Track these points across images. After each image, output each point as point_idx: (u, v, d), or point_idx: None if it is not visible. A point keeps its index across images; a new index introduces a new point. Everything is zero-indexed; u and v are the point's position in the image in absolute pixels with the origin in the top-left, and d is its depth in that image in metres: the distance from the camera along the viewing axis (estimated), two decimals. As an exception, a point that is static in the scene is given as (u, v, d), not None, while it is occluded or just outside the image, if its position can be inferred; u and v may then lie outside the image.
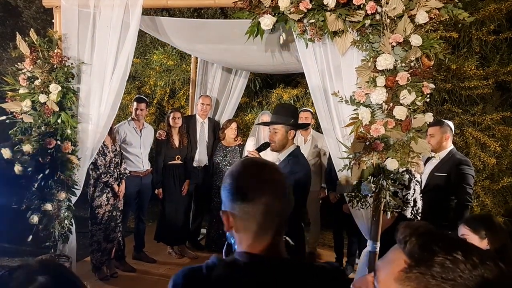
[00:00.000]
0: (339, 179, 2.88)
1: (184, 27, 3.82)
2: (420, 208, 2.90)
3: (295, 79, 5.83)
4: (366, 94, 2.63)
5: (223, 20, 5.47)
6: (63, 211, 3.26)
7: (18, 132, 3.20)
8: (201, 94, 5.06)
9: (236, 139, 4.75)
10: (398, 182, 2.68)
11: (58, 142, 3.16)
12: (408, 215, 2.83)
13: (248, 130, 5.52)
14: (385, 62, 2.51)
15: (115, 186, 3.93)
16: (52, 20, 3.33)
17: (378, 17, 2.54)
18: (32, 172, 3.17)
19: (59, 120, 3.16)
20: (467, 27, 4.74)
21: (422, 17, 2.47)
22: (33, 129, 3.18)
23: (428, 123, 2.64)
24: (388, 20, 2.51)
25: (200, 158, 4.76)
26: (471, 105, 4.95)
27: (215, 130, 4.88)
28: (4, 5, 7.59)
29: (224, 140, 4.74)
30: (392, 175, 2.64)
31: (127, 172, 4.09)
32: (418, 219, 2.93)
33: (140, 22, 3.22)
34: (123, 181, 4.03)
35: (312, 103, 4.78)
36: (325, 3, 2.57)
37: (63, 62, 3.16)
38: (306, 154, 4.38)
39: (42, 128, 3.15)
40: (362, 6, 2.55)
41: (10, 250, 4.63)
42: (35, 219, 3.18)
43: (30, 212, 3.18)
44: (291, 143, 2.81)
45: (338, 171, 2.87)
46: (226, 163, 4.68)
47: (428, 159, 3.37)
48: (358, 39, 2.65)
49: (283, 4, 2.64)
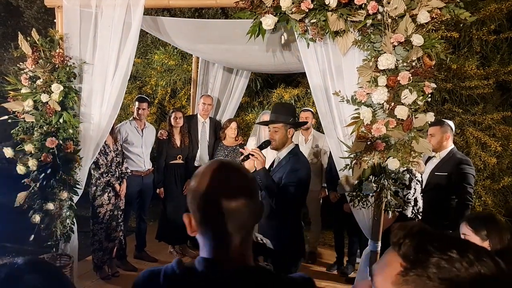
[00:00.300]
0: (340, 178, 2.89)
1: (185, 27, 3.83)
2: (420, 207, 2.91)
3: (296, 79, 5.83)
4: (368, 93, 2.64)
5: (225, 20, 5.48)
6: (65, 210, 3.27)
7: (20, 132, 3.21)
8: (202, 94, 5.06)
9: (237, 138, 4.75)
10: (399, 182, 2.68)
11: (60, 142, 3.17)
12: (409, 214, 2.84)
13: (249, 129, 5.53)
14: (386, 61, 2.52)
15: (117, 185, 3.94)
16: (53, 20, 3.34)
17: (379, 16, 2.54)
18: (34, 171, 3.18)
19: (61, 120, 3.16)
20: (468, 27, 4.75)
21: (423, 16, 2.47)
22: (35, 128, 3.18)
23: (429, 122, 2.65)
24: (389, 20, 2.51)
25: (202, 157, 4.76)
26: (471, 104, 4.96)
27: (216, 130, 4.88)
28: (5, 5, 7.60)
29: (225, 140, 4.74)
30: (393, 174, 2.65)
31: (128, 171, 4.11)
32: (419, 218, 2.94)
33: (142, 22, 3.23)
34: (124, 180, 4.04)
35: (313, 102, 4.80)
36: (326, 3, 2.57)
37: (65, 62, 3.17)
38: (307, 153, 4.39)
39: (44, 127, 3.16)
40: (363, 6, 2.56)
41: (11, 250, 4.64)
42: (37, 218, 3.19)
43: (32, 211, 3.19)
44: (290, 142, 2.88)
45: (339, 170, 2.88)
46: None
47: (429, 159, 3.37)
48: (360, 39, 2.65)
49: (285, 4, 2.64)
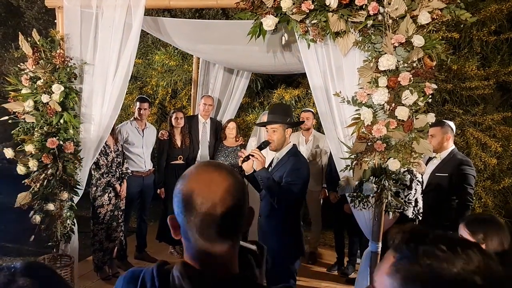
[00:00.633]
0: (341, 179, 2.89)
1: (186, 27, 3.83)
2: (421, 208, 2.91)
3: (296, 80, 5.84)
4: (368, 94, 2.64)
5: (225, 20, 5.48)
6: (66, 211, 3.27)
7: (21, 132, 3.21)
8: (203, 94, 5.07)
9: (237, 139, 4.76)
10: (400, 182, 2.68)
11: (61, 142, 3.17)
12: (410, 215, 2.84)
13: (249, 130, 5.53)
14: (387, 62, 2.52)
15: (117, 185, 3.94)
16: (54, 20, 3.34)
17: (380, 17, 2.54)
18: (34, 172, 3.18)
19: (61, 120, 3.16)
20: (468, 27, 4.75)
21: (424, 17, 2.47)
22: (35, 129, 3.18)
23: (430, 123, 2.65)
24: (390, 21, 2.52)
25: (202, 158, 4.77)
26: (472, 105, 4.96)
27: (217, 130, 4.89)
28: (6, 5, 7.60)
29: (226, 141, 4.75)
30: (393, 175, 2.65)
31: (129, 172, 4.11)
32: (419, 219, 2.94)
33: (143, 23, 3.23)
34: (124, 181, 4.04)
35: (313, 103, 4.80)
36: (327, 4, 2.57)
37: (66, 62, 3.17)
38: (307, 154, 4.40)
39: (45, 128, 3.15)
40: (364, 7, 2.56)
41: (12, 250, 4.65)
42: (37, 219, 3.18)
43: (32, 212, 3.19)
44: (288, 141, 2.94)
45: (340, 171, 2.88)
46: (227, 164, 4.69)
47: (430, 160, 3.37)
48: (360, 40, 2.65)
49: (285, 4, 2.64)
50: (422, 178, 3.01)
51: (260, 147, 2.91)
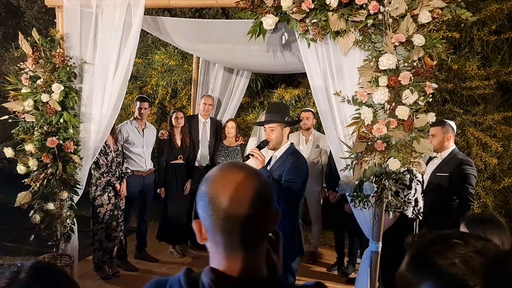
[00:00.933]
0: (341, 179, 2.89)
1: (186, 27, 3.83)
2: (421, 208, 2.90)
3: (296, 79, 5.83)
4: (368, 94, 2.64)
5: (225, 20, 5.48)
6: (65, 210, 3.27)
7: (21, 132, 3.21)
8: (203, 94, 5.07)
9: (237, 139, 4.76)
10: (400, 182, 2.68)
11: (60, 142, 3.17)
12: (410, 215, 2.83)
13: (249, 130, 5.52)
14: (387, 62, 2.52)
15: (117, 185, 3.93)
16: (54, 20, 3.34)
17: (380, 16, 2.54)
18: (34, 171, 3.18)
19: (61, 120, 3.16)
20: (469, 27, 4.74)
21: (425, 16, 2.47)
22: (35, 128, 3.18)
23: (430, 123, 2.64)
24: (390, 20, 2.51)
25: (202, 157, 4.77)
26: (472, 105, 4.95)
27: (217, 130, 4.89)
28: (6, 5, 7.60)
29: (226, 140, 4.74)
30: (394, 175, 2.65)
31: (128, 171, 4.10)
32: (420, 219, 2.94)
33: (142, 22, 3.23)
34: (124, 180, 4.04)
35: (313, 103, 4.79)
36: (327, 3, 2.57)
37: (65, 61, 3.17)
38: (307, 154, 4.40)
39: (45, 127, 3.16)
40: (364, 6, 2.56)
41: (12, 249, 4.64)
42: (37, 218, 3.18)
43: (32, 211, 3.19)
44: (286, 140, 2.99)
45: (340, 170, 2.88)
46: (227, 163, 4.68)
47: (430, 159, 3.36)
48: (361, 39, 2.65)
49: (286, 3, 2.64)
50: (422, 178, 3.01)
51: (260, 147, 2.96)
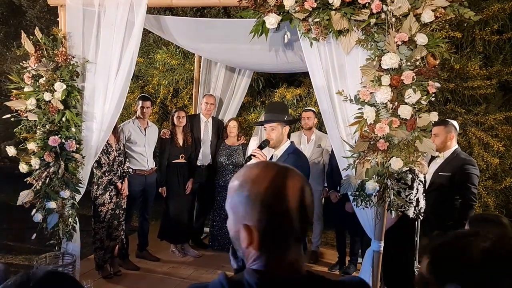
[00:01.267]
0: (343, 178, 2.89)
1: (188, 26, 3.83)
2: (422, 208, 2.90)
3: (298, 79, 5.82)
4: (371, 93, 2.63)
5: (227, 19, 5.48)
6: (67, 209, 3.27)
7: (23, 130, 3.22)
8: (204, 93, 5.07)
9: (239, 138, 4.76)
10: (402, 182, 2.68)
11: (63, 140, 3.17)
12: (411, 214, 2.84)
13: (251, 129, 5.52)
14: (390, 61, 2.51)
15: (119, 184, 3.94)
16: (56, 19, 3.34)
17: (383, 16, 2.53)
18: (36, 170, 3.18)
19: (63, 119, 3.17)
20: (471, 27, 4.74)
21: (427, 16, 2.46)
22: (37, 127, 3.19)
23: (433, 122, 2.64)
24: (393, 19, 2.51)
25: (204, 157, 4.77)
26: (474, 105, 4.94)
27: (219, 129, 4.89)
28: (8, 4, 7.61)
29: (227, 139, 4.75)
30: (396, 174, 2.65)
31: (130, 170, 4.11)
32: (420, 218, 2.94)
33: (145, 21, 3.23)
34: (126, 179, 4.04)
35: (315, 102, 4.79)
36: (330, 2, 2.57)
37: (68, 60, 3.17)
38: (309, 153, 4.39)
39: (47, 126, 3.16)
40: (367, 5, 2.55)
41: (14, 248, 4.65)
42: (39, 217, 3.19)
43: (34, 210, 3.19)
44: (286, 139, 3.03)
45: (342, 170, 2.87)
46: (229, 163, 4.69)
47: (433, 159, 3.36)
48: (363, 38, 2.65)
49: (288, 3, 2.64)
50: (424, 178, 3.01)
51: (261, 147, 2.99)
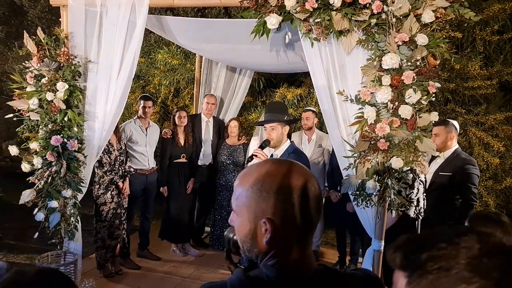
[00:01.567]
0: (344, 178, 2.90)
1: (189, 26, 3.84)
2: (422, 207, 2.91)
3: (299, 79, 5.83)
4: (372, 93, 2.65)
5: (229, 19, 5.49)
6: (69, 208, 3.29)
7: (25, 130, 3.23)
8: (205, 93, 5.09)
9: (240, 138, 4.78)
10: (402, 181, 2.69)
11: (65, 140, 3.19)
12: (411, 214, 2.85)
13: (252, 129, 5.53)
14: (390, 61, 2.53)
15: (120, 183, 3.95)
16: (57, 19, 3.37)
17: (384, 16, 2.55)
18: (38, 169, 3.20)
19: (65, 118, 3.18)
20: (471, 27, 4.74)
21: (428, 16, 2.48)
22: (40, 126, 3.20)
23: (433, 122, 2.65)
24: (394, 19, 2.52)
25: (205, 156, 4.79)
26: (474, 105, 4.95)
27: (220, 129, 4.91)
28: (9, 4, 7.62)
29: (228, 139, 4.77)
30: (396, 174, 2.66)
31: (131, 170, 4.12)
32: (421, 218, 2.95)
33: (146, 21, 3.24)
34: (127, 179, 4.06)
35: (315, 102, 4.80)
36: (331, 2, 2.58)
37: (70, 60, 3.19)
38: (310, 153, 4.41)
39: (49, 125, 3.18)
40: (368, 5, 2.56)
41: (16, 247, 4.66)
42: (41, 216, 3.20)
43: (36, 209, 3.21)
44: (286, 139, 3.07)
45: (343, 169, 2.89)
46: (230, 162, 4.70)
47: (433, 159, 3.37)
48: (364, 38, 2.66)
49: (289, 3, 2.65)
50: (425, 177, 3.02)
51: (262, 147, 3.00)
